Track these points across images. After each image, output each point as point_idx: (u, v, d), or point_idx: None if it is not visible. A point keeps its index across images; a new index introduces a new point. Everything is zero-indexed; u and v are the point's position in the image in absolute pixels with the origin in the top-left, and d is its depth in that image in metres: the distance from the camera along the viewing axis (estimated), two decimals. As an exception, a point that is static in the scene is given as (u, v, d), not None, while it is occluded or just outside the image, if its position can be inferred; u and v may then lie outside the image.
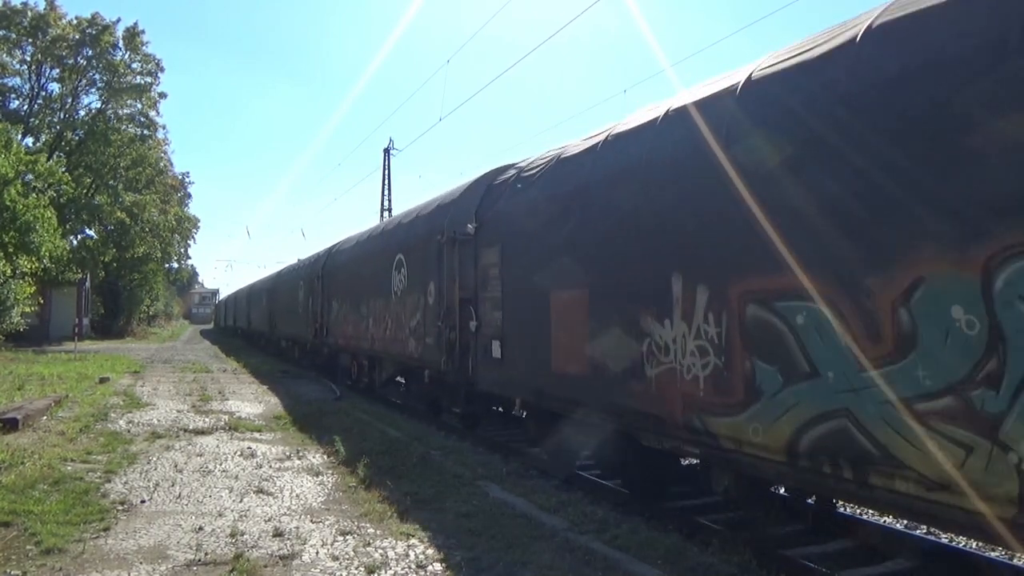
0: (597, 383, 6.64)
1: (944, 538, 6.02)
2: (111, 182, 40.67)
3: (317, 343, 20.66)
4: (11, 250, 24.21)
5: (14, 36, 37.19)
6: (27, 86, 38.81)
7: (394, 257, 13.40)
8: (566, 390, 7.22)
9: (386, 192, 43.42)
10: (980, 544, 6.12)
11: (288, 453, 9.09)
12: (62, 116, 39.85)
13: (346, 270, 17.75)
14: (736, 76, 5.49)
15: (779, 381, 4.62)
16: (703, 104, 5.65)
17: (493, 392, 9.28)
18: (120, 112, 40.86)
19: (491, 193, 9.61)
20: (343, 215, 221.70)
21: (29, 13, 37.28)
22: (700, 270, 5.40)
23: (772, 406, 4.67)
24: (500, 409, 11.27)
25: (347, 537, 5.63)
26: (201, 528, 5.80)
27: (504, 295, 8.70)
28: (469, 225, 9.57)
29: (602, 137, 7.13)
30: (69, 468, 7.73)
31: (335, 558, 5.15)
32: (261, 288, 36.23)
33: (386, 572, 4.90)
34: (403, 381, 14.92)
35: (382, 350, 14.24)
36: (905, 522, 6.81)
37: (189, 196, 58.00)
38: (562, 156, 7.86)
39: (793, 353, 4.53)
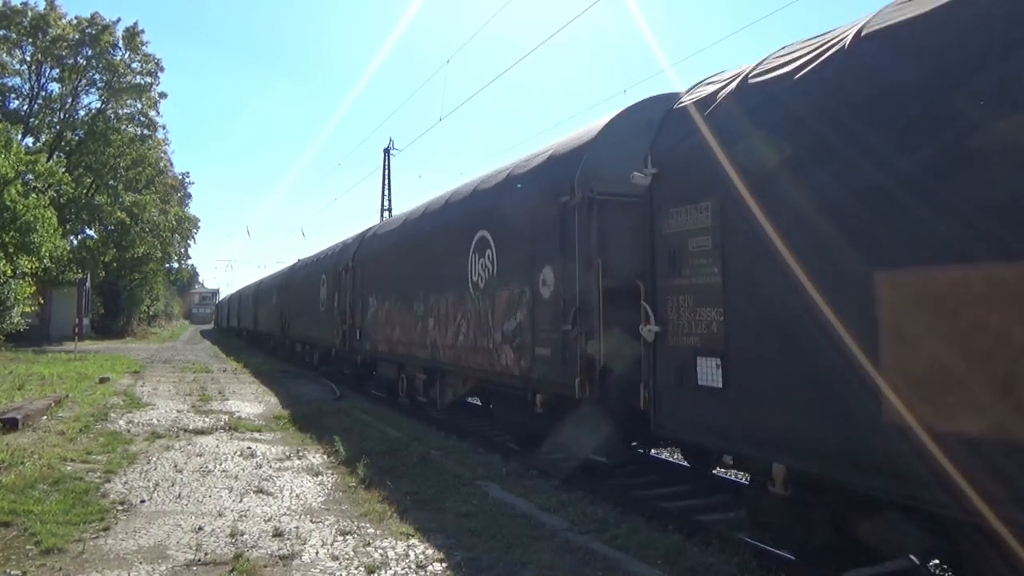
0: None
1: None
2: (111, 182, 40.71)
3: (346, 349, 16.99)
4: (11, 250, 24.23)
5: (14, 36, 37.25)
6: (27, 86, 38.97)
7: (473, 236, 9.70)
8: (957, 468, 3.61)
9: (386, 192, 43.39)
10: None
11: (288, 453, 9.09)
12: (62, 116, 39.91)
13: (390, 258, 14.07)
14: None
15: None
16: None
17: (703, 443, 5.93)
18: (120, 112, 40.96)
19: (676, 123, 6.10)
20: (343, 215, 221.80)
21: (29, 13, 37.34)
22: None
23: None
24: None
25: (347, 537, 5.63)
26: (201, 528, 5.80)
27: (728, 281, 5.29)
28: (636, 174, 6.16)
29: None
30: (69, 468, 7.73)
31: (335, 558, 5.15)
32: (271, 284, 32.07)
33: (386, 572, 4.90)
34: (478, 403, 12.23)
35: (451, 361, 10.64)
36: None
37: (189, 196, 58.14)
38: (864, 32, 4.47)
39: None
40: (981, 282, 3.58)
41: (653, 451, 8.81)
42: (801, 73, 4.84)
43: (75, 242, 38.29)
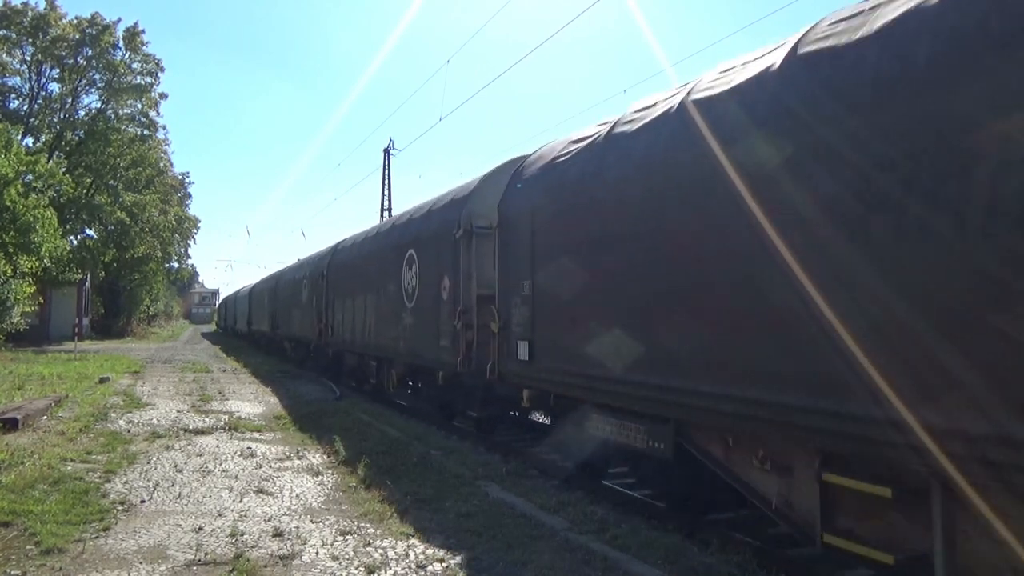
0: None
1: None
2: (111, 182, 40.71)
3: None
4: (11, 250, 24.22)
5: (14, 36, 37.23)
6: (27, 86, 38.96)
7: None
8: None
9: (386, 192, 43.41)
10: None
11: (288, 453, 9.09)
12: (62, 116, 39.91)
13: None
14: None
15: None
16: None
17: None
18: (120, 112, 40.96)
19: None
20: (343, 215, 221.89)
21: (29, 13, 37.33)
22: None
23: None
24: None
25: (347, 537, 5.63)
26: (201, 528, 5.80)
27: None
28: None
29: None
30: (69, 468, 7.73)
31: (335, 558, 5.15)
32: (372, 251, 15.14)
33: (386, 572, 4.90)
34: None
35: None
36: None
37: (189, 196, 58.06)
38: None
39: None
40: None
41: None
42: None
43: (75, 242, 38.26)
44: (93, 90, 40.13)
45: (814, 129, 4.34)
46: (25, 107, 38.63)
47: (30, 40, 37.63)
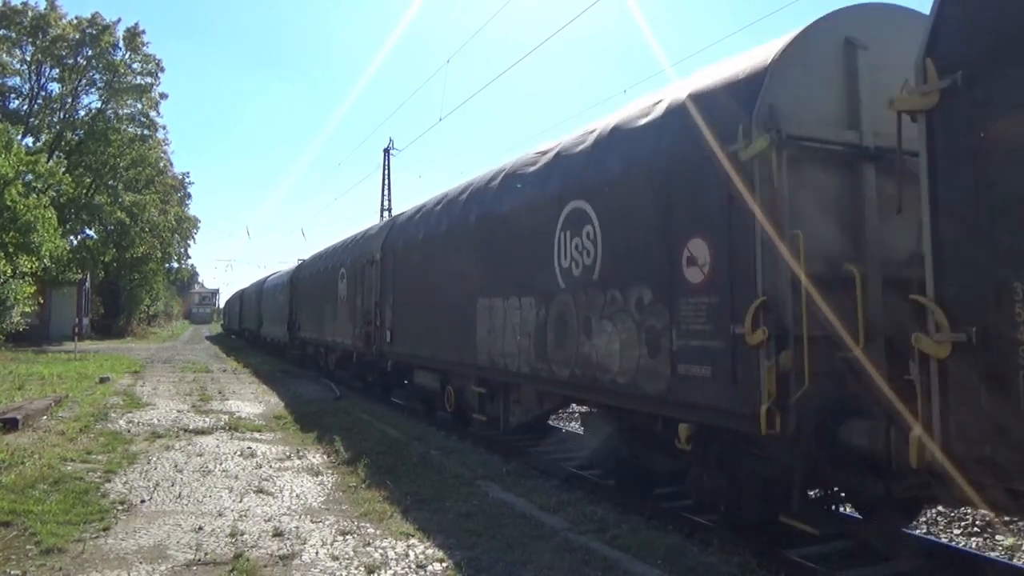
0: None
1: (944, 538, 6.02)
2: (111, 182, 40.74)
3: None
4: (11, 250, 24.21)
5: (14, 36, 37.23)
6: (27, 86, 38.96)
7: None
8: None
9: (386, 192, 43.38)
10: (980, 544, 6.14)
11: (288, 453, 9.10)
12: (62, 116, 39.90)
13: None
14: None
15: None
16: None
17: None
18: (120, 112, 40.93)
19: None
20: (343, 215, 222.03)
21: (29, 13, 37.34)
22: None
23: None
24: None
25: (347, 537, 5.63)
26: (201, 528, 5.80)
27: None
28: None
29: None
30: (69, 468, 7.73)
31: (335, 558, 5.15)
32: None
33: (386, 572, 4.90)
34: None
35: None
36: (905, 522, 6.77)
37: (189, 196, 57.99)
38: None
39: None
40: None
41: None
42: None
43: (75, 242, 38.24)
44: (93, 90, 40.19)
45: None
46: (25, 107, 38.64)
47: (30, 40, 37.63)
